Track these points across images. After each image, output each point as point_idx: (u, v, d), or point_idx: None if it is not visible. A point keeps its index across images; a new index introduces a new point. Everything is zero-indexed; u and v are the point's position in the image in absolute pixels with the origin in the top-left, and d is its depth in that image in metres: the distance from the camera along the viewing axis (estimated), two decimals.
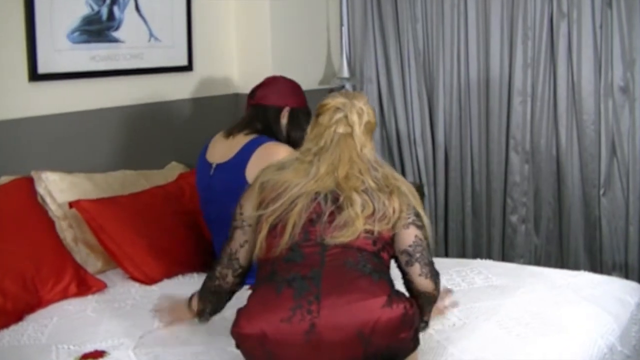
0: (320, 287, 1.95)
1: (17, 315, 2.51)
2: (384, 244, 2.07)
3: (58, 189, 2.96)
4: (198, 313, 2.29)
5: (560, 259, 3.95)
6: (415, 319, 1.99)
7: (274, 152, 2.70)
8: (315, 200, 2.06)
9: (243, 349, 1.99)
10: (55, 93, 3.15)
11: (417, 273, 2.09)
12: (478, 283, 2.79)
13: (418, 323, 2.02)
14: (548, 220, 3.98)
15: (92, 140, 3.27)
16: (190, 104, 3.72)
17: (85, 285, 2.75)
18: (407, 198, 2.10)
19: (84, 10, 3.21)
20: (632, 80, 3.65)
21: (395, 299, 1.95)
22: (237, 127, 2.93)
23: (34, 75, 3.05)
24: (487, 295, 2.64)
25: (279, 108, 2.92)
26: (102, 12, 3.27)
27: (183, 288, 2.80)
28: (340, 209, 2.05)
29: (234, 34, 3.93)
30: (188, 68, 3.69)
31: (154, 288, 2.82)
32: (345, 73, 4.09)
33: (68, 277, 2.71)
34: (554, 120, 3.88)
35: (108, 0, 3.29)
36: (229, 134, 2.91)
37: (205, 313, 2.28)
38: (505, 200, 4.04)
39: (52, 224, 2.86)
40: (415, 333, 2.01)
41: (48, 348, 2.30)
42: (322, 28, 4.18)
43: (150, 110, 3.51)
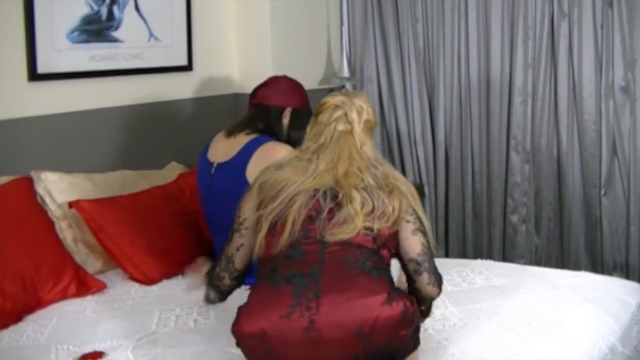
0: (320, 284, 1.94)
1: (16, 316, 2.51)
2: (384, 242, 2.06)
3: (57, 189, 2.96)
4: (205, 298, 2.28)
5: (561, 260, 3.94)
6: (416, 317, 1.98)
7: (275, 151, 2.69)
8: (314, 198, 2.05)
9: (243, 348, 1.99)
10: (55, 93, 3.14)
11: (425, 282, 2.10)
12: (479, 283, 2.79)
13: (418, 321, 2.01)
14: (549, 221, 3.97)
15: (91, 140, 3.27)
16: (190, 104, 3.71)
17: (85, 286, 2.75)
18: (406, 199, 2.09)
19: (84, 10, 3.20)
20: (633, 80, 3.64)
21: (395, 297, 1.94)
22: (238, 126, 2.92)
23: (34, 75, 3.04)
24: (487, 296, 2.64)
25: (281, 108, 2.92)
26: (101, 11, 3.27)
27: (183, 288, 2.80)
28: (340, 206, 2.04)
29: (234, 34, 3.92)
30: (188, 68, 3.68)
31: (154, 288, 2.82)
32: (346, 73, 4.08)
33: (67, 277, 2.71)
34: (555, 120, 3.87)
35: (108, 0, 3.28)
36: (230, 134, 2.90)
37: (210, 299, 2.28)
38: (506, 201, 4.03)
39: (51, 224, 2.85)
40: (415, 331, 2.00)
41: (47, 349, 2.29)
42: (322, 28, 4.17)
43: (150, 111, 3.50)
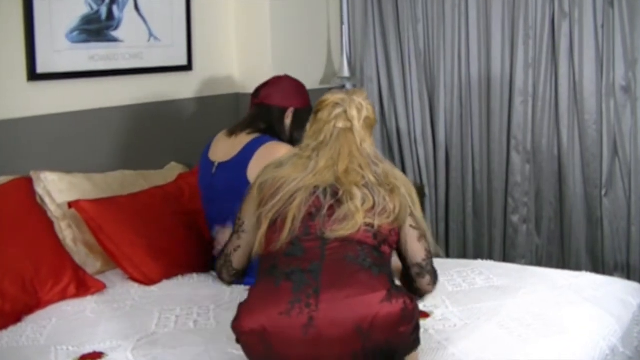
0: (320, 280, 1.94)
1: (15, 316, 2.50)
2: (385, 237, 2.07)
3: (57, 189, 2.96)
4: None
5: (562, 260, 3.94)
6: (415, 314, 1.97)
7: (276, 151, 2.68)
8: (314, 194, 2.06)
9: (243, 344, 1.99)
10: (54, 93, 3.14)
11: (426, 283, 2.23)
12: (479, 284, 2.78)
13: (418, 318, 2.00)
14: (549, 221, 3.97)
15: (91, 140, 3.27)
16: (190, 104, 3.71)
17: (85, 286, 2.74)
18: (405, 200, 2.10)
19: (83, 10, 3.20)
20: (634, 80, 3.63)
21: (395, 294, 1.94)
22: (240, 126, 2.92)
23: (33, 75, 3.04)
24: (488, 296, 2.63)
25: (283, 108, 2.92)
26: (101, 11, 3.26)
27: (182, 289, 2.80)
28: (340, 203, 2.04)
29: (234, 34, 3.92)
30: (188, 68, 3.68)
31: (153, 289, 2.81)
32: (346, 72, 4.08)
33: (67, 277, 2.70)
34: (556, 120, 3.86)
35: (107, 0, 3.28)
36: (232, 133, 2.90)
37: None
38: (507, 201, 4.03)
39: (51, 225, 2.85)
40: (415, 329, 1.99)
41: (47, 349, 2.28)
42: (322, 27, 4.17)
43: (150, 110, 3.50)
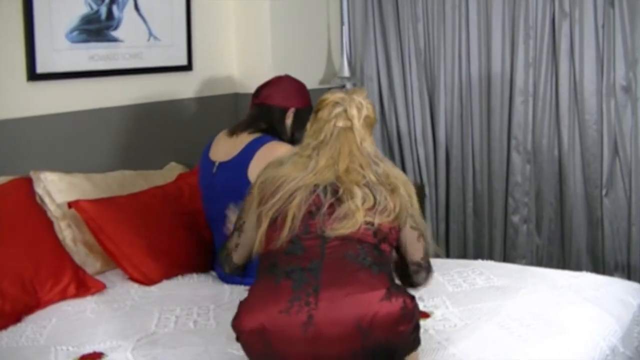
0: (320, 279, 1.94)
1: (15, 317, 2.50)
2: (385, 235, 2.07)
3: (57, 189, 2.95)
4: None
5: (562, 260, 3.93)
6: (415, 313, 1.97)
7: (277, 151, 2.67)
8: (314, 193, 2.06)
9: (243, 342, 1.99)
10: (54, 93, 3.13)
11: (422, 278, 2.24)
12: (479, 284, 2.78)
13: (418, 317, 2.00)
14: (550, 221, 3.96)
15: (91, 140, 3.26)
16: (190, 104, 3.70)
17: (84, 286, 2.74)
18: (405, 200, 2.11)
19: (83, 10, 3.19)
20: (634, 80, 3.63)
21: (395, 293, 1.94)
22: (240, 125, 2.92)
23: (33, 75, 3.03)
24: (488, 296, 2.63)
25: (284, 109, 2.91)
26: (101, 11, 3.26)
27: (182, 289, 2.80)
28: (340, 201, 2.05)
29: (234, 34, 3.91)
30: (187, 68, 3.67)
31: (153, 289, 2.81)
32: (346, 72, 4.07)
33: (67, 278, 2.70)
34: (556, 120, 3.86)
35: (107, 0, 3.27)
36: (233, 133, 2.90)
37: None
38: (507, 201, 4.02)
39: (50, 225, 2.84)
40: (415, 328, 1.99)
41: (47, 349, 2.28)
42: (322, 27, 4.16)
43: (149, 110, 3.49)
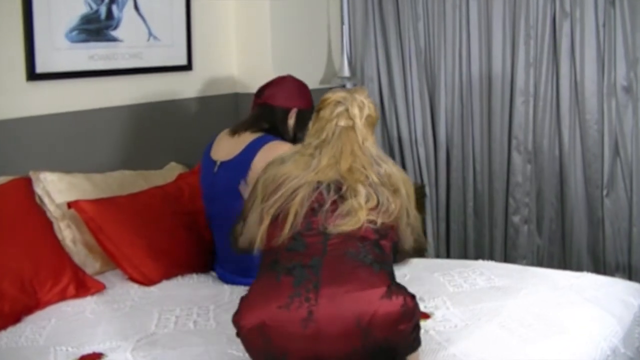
0: (320, 275, 1.95)
1: (15, 317, 2.49)
2: (386, 232, 2.08)
3: (56, 190, 2.94)
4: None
5: (563, 260, 3.93)
6: (416, 312, 1.97)
7: (279, 151, 2.65)
8: (317, 190, 2.07)
9: (243, 338, 1.99)
10: (54, 93, 3.13)
11: (404, 259, 2.36)
12: (480, 284, 2.78)
13: (418, 317, 2.01)
14: (551, 221, 3.96)
15: (90, 140, 3.26)
16: (190, 104, 3.70)
17: (84, 287, 2.73)
18: (405, 201, 2.13)
19: (83, 9, 3.19)
20: (635, 80, 3.63)
21: (395, 291, 1.94)
22: (242, 125, 2.91)
23: (32, 75, 3.03)
24: (489, 297, 2.63)
25: (287, 109, 2.91)
26: (100, 11, 3.25)
27: (182, 289, 2.80)
28: (343, 199, 2.06)
29: (234, 34, 3.91)
30: (187, 67, 3.67)
31: (153, 289, 2.80)
32: (346, 72, 4.07)
33: (66, 278, 2.70)
34: (557, 120, 3.86)
35: None
36: (235, 132, 2.89)
37: None
38: (508, 201, 4.02)
39: (50, 225, 2.84)
40: (415, 327, 1.99)
41: (46, 350, 2.28)
42: (322, 27, 4.16)
43: (149, 110, 3.49)
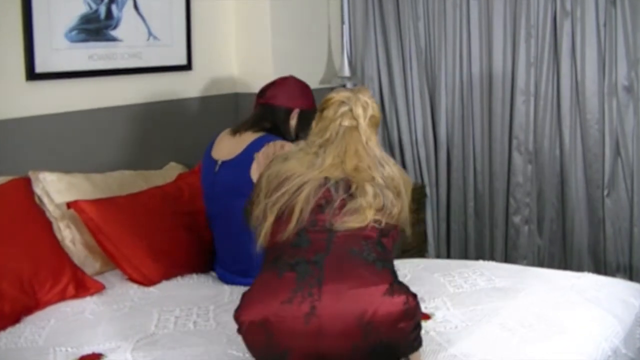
0: (323, 271, 1.96)
1: (14, 317, 2.49)
2: (388, 230, 2.09)
3: (56, 190, 2.94)
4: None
5: (564, 261, 3.93)
6: (417, 311, 1.98)
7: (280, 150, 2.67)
8: (324, 187, 2.07)
9: (244, 334, 1.99)
10: (53, 92, 3.12)
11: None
12: (481, 285, 2.77)
13: (419, 316, 2.01)
14: (551, 221, 3.95)
15: (90, 141, 3.25)
16: (190, 104, 3.69)
17: (83, 287, 2.73)
18: (405, 203, 2.14)
19: (82, 9, 3.18)
20: (636, 80, 3.62)
21: (397, 290, 1.95)
22: (244, 125, 2.91)
23: (32, 75, 3.02)
24: (489, 297, 2.62)
25: (289, 109, 2.91)
26: (100, 10, 3.25)
27: (182, 289, 2.79)
28: (352, 197, 2.07)
29: (234, 33, 3.91)
30: (187, 67, 3.67)
31: (153, 289, 2.80)
32: (347, 72, 4.07)
33: (66, 278, 2.69)
34: (558, 120, 3.85)
35: None
36: (236, 132, 2.89)
37: None
38: (508, 201, 4.02)
39: (49, 225, 2.83)
40: (416, 326, 2.00)
41: (45, 350, 2.28)
42: (322, 27, 4.15)
43: (149, 110, 3.49)
